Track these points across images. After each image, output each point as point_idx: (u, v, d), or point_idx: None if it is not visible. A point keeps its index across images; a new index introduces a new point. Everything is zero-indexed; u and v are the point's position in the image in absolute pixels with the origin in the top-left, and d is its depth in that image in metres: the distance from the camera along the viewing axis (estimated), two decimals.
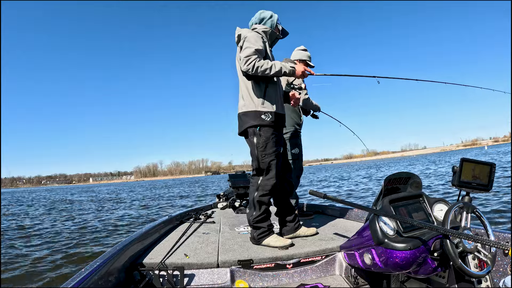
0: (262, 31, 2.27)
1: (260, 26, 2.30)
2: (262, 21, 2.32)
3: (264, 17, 2.32)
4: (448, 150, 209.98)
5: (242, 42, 2.16)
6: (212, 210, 4.14)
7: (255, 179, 2.25)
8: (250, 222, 2.23)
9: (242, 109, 2.24)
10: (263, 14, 2.33)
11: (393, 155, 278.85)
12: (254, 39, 2.13)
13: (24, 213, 13.22)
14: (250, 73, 2.07)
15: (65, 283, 1.23)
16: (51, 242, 6.18)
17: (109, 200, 18.36)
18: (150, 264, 1.83)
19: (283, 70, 2.11)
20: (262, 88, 2.19)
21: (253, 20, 2.36)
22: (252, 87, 2.20)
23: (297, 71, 2.19)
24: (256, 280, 1.86)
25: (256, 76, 2.11)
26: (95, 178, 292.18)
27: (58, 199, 23.08)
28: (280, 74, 2.13)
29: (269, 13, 2.33)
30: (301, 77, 2.24)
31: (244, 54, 2.05)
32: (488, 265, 1.39)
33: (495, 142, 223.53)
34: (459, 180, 1.50)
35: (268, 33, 2.31)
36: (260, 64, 2.04)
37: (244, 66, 2.05)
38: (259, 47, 2.10)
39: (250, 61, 2.02)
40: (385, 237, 1.48)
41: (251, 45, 2.09)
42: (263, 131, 2.17)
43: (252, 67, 2.03)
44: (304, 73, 2.23)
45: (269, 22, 2.32)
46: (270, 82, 2.23)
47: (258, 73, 2.05)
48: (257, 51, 2.07)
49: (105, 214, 10.69)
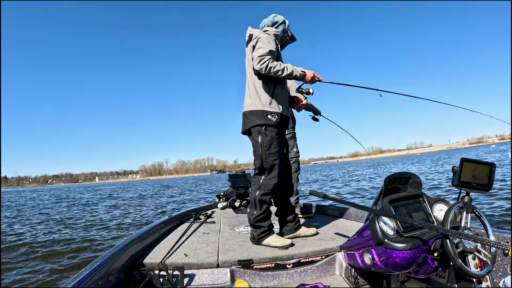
0: (274, 34, 2.30)
1: (272, 29, 2.33)
2: (274, 25, 2.37)
3: (277, 21, 2.37)
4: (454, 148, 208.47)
5: (255, 42, 2.19)
6: (212, 210, 4.15)
7: (257, 178, 2.26)
8: (251, 221, 2.23)
9: (248, 108, 2.25)
10: (276, 18, 2.37)
11: (398, 153, 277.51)
12: (268, 40, 2.17)
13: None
14: (263, 73, 2.10)
15: (65, 283, 1.24)
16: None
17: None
18: (150, 264, 1.83)
19: (294, 73, 2.16)
20: (270, 88, 2.22)
21: (265, 22, 2.39)
22: (261, 86, 2.23)
23: (307, 76, 2.24)
24: (256, 280, 1.86)
25: (267, 76, 2.15)
26: (101, 177, 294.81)
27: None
28: (291, 77, 2.18)
29: (281, 18, 2.38)
30: (310, 82, 2.29)
31: (258, 54, 2.08)
32: (488, 265, 1.38)
33: (501, 140, 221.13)
34: (459, 180, 1.50)
35: (279, 36, 2.34)
36: (273, 65, 2.07)
37: (257, 65, 2.07)
38: (272, 49, 2.14)
39: (264, 61, 2.06)
40: (385, 237, 1.48)
41: (265, 45, 2.12)
42: (268, 131, 2.18)
43: (266, 67, 2.06)
44: (313, 78, 2.28)
45: (281, 27, 2.37)
46: (278, 83, 2.26)
47: (270, 73, 2.09)
48: (270, 52, 2.11)
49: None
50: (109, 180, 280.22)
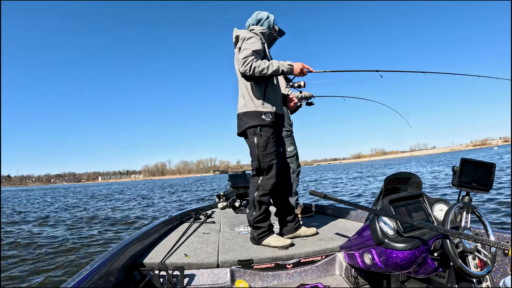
0: (260, 32, 2.27)
1: (258, 27, 2.30)
2: (259, 22, 2.33)
3: (261, 18, 2.32)
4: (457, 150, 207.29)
5: (240, 43, 2.17)
6: (212, 210, 4.15)
7: (255, 179, 2.25)
8: (250, 222, 2.23)
9: (242, 109, 2.24)
10: (259, 15, 2.33)
11: (402, 154, 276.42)
12: (252, 40, 2.13)
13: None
14: (248, 74, 2.06)
15: (65, 283, 1.24)
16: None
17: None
18: (150, 264, 1.84)
19: (280, 68, 2.09)
20: (262, 89, 2.20)
21: (250, 21, 2.36)
22: (252, 87, 2.20)
23: (295, 69, 2.17)
24: (256, 280, 1.86)
25: (255, 76, 2.10)
26: (104, 177, 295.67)
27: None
28: (278, 73, 2.11)
29: (265, 14, 2.33)
30: (300, 74, 2.21)
31: (242, 56, 2.06)
32: (488, 265, 1.38)
33: (505, 142, 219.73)
34: (459, 180, 1.49)
35: (266, 34, 2.31)
36: (257, 64, 2.03)
37: (241, 67, 2.05)
38: (257, 48, 2.10)
39: (247, 62, 2.03)
40: (385, 237, 1.48)
41: (249, 46, 2.09)
42: (263, 131, 2.17)
43: (250, 68, 2.03)
44: (303, 70, 2.20)
45: (266, 23, 2.32)
46: (269, 82, 2.23)
47: (255, 73, 2.05)
48: (254, 52, 2.07)
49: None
50: (112, 179, 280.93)
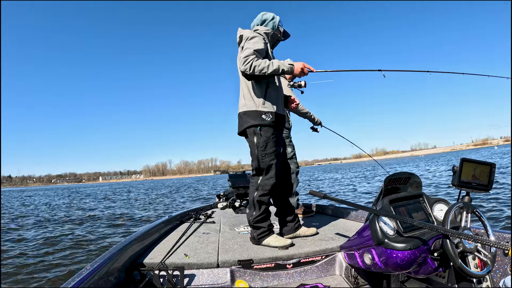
0: (264, 32, 2.28)
1: (262, 28, 2.30)
2: (264, 23, 2.33)
3: (266, 18, 2.33)
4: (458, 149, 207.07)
5: (243, 43, 2.17)
6: (212, 210, 4.15)
7: (255, 179, 2.25)
8: (250, 222, 2.23)
9: (242, 109, 2.24)
10: (265, 15, 2.33)
11: (402, 154, 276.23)
12: (255, 40, 2.14)
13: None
14: (248, 73, 2.06)
15: (65, 283, 1.24)
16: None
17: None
18: (150, 264, 1.84)
19: (281, 67, 2.08)
20: (263, 88, 2.19)
21: (255, 21, 2.37)
22: (253, 86, 2.20)
23: (296, 68, 2.15)
24: (256, 280, 1.86)
25: (257, 76, 2.10)
26: (105, 177, 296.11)
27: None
28: (278, 73, 2.10)
29: (271, 14, 2.34)
30: (301, 74, 2.19)
31: (243, 55, 2.06)
32: (488, 265, 1.37)
33: (506, 141, 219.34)
34: (459, 180, 1.49)
35: (270, 34, 2.31)
36: (257, 63, 2.03)
37: (242, 66, 2.05)
38: (258, 48, 2.10)
39: (247, 61, 2.02)
40: (385, 237, 1.47)
41: (251, 45, 2.09)
42: (263, 131, 2.17)
43: (250, 67, 2.02)
44: (303, 70, 2.18)
45: (270, 24, 2.32)
46: (271, 82, 2.23)
47: (255, 72, 2.04)
48: (256, 51, 2.07)
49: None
50: (112, 180, 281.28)
